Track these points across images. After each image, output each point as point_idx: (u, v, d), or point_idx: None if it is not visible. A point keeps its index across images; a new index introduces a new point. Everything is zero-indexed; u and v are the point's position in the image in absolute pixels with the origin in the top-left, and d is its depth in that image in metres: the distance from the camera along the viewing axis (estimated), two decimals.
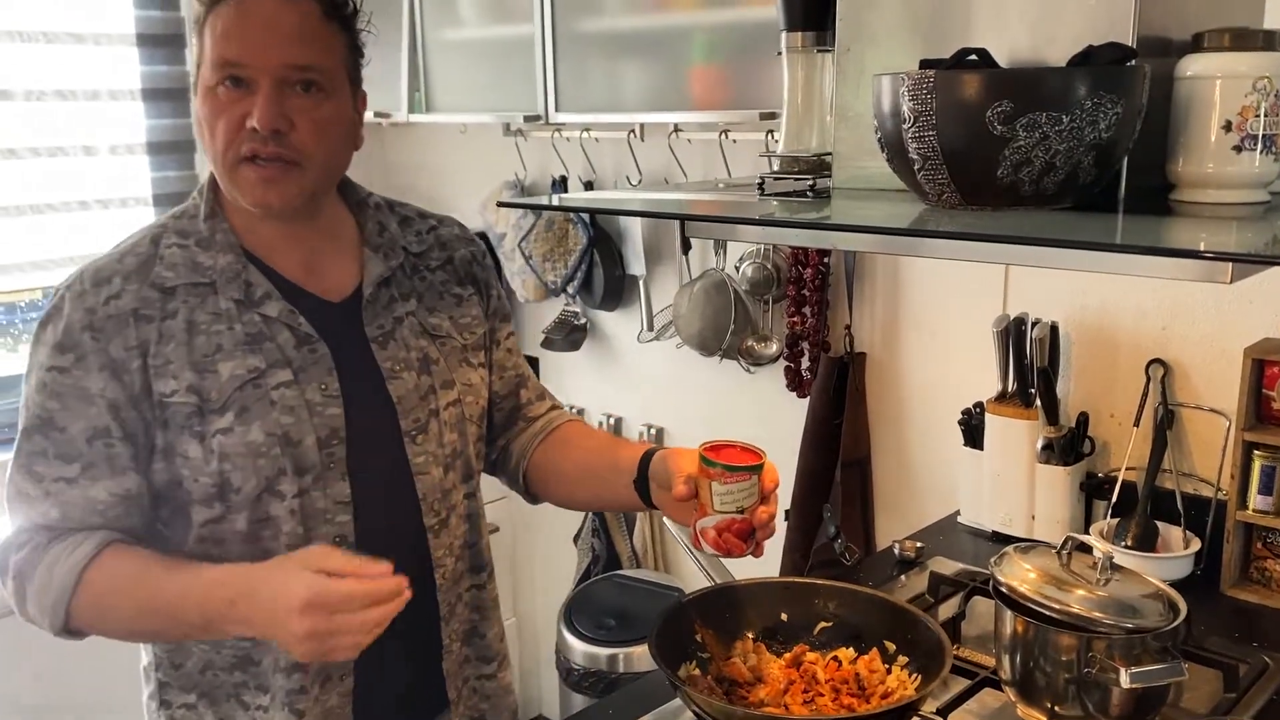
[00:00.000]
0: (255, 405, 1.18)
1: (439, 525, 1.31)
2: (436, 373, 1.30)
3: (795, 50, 1.24)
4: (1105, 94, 0.87)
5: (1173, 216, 0.98)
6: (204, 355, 1.18)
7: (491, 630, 1.42)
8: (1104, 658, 1.20)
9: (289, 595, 1.05)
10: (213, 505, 1.19)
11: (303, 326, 1.22)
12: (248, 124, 1.13)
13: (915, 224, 0.95)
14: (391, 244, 1.32)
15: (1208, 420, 1.77)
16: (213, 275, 1.20)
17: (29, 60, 2.59)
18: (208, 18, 1.16)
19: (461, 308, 1.36)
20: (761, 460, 1.22)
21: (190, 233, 1.22)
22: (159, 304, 1.18)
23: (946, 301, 2.08)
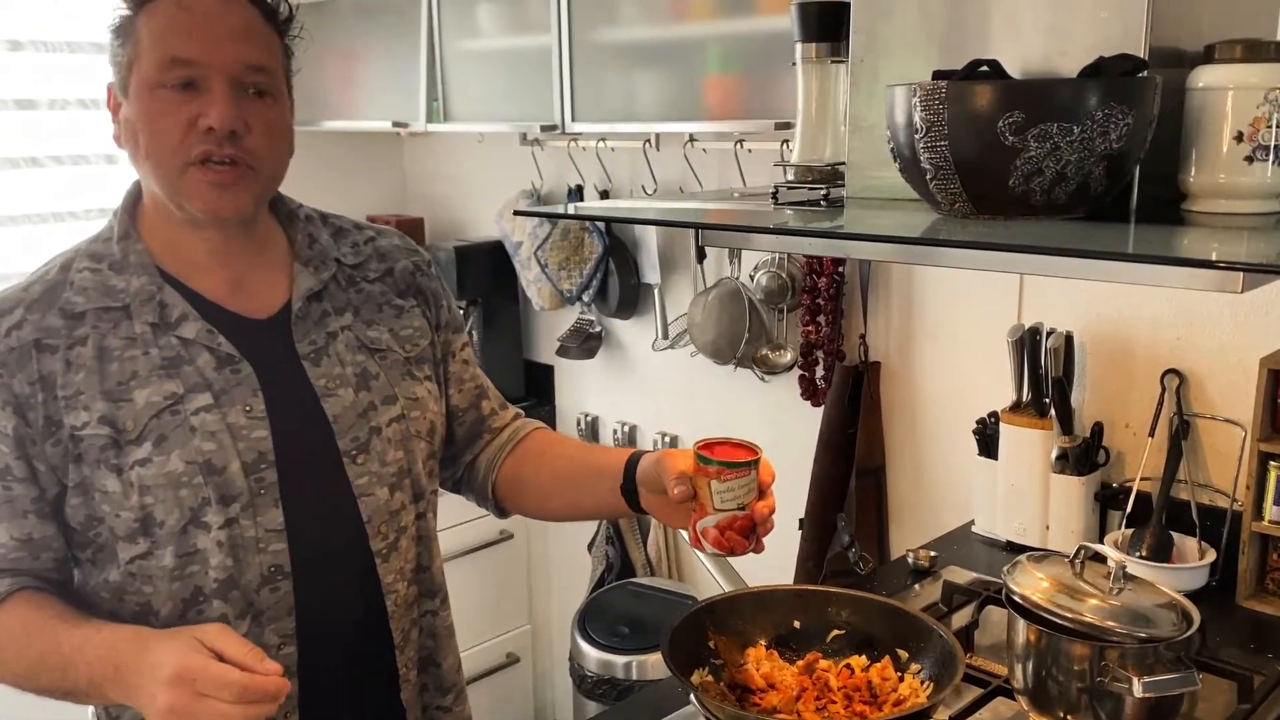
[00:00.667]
0: (174, 433, 1.12)
1: (387, 549, 1.25)
2: (376, 388, 1.24)
3: (810, 61, 1.25)
4: (1116, 105, 0.88)
5: (1184, 226, 0.99)
6: (117, 383, 1.12)
7: (447, 660, 1.36)
8: (1117, 667, 1.20)
9: (163, 665, 1.00)
10: (137, 541, 1.13)
11: (222, 347, 1.16)
12: (201, 124, 1.08)
13: (928, 233, 0.96)
14: (323, 256, 1.26)
15: (1223, 431, 1.77)
16: (125, 299, 1.14)
17: (53, 70, 2.63)
18: (139, 16, 1.11)
19: (402, 319, 1.30)
20: (758, 455, 1.20)
21: (103, 255, 1.16)
22: (64, 331, 1.12)
23: (961, 311, 2.09)
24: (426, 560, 1.32)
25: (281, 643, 1.18)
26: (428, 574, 1.32)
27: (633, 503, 1.30)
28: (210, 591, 1.15)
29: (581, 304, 2.64)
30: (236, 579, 1.15)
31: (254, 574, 1.16)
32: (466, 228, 3.03)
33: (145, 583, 1.15)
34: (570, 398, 2.89)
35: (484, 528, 2.74)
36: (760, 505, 1.19)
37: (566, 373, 2.85)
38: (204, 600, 1.15)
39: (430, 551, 1.32)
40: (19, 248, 2.62)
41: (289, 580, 1.18)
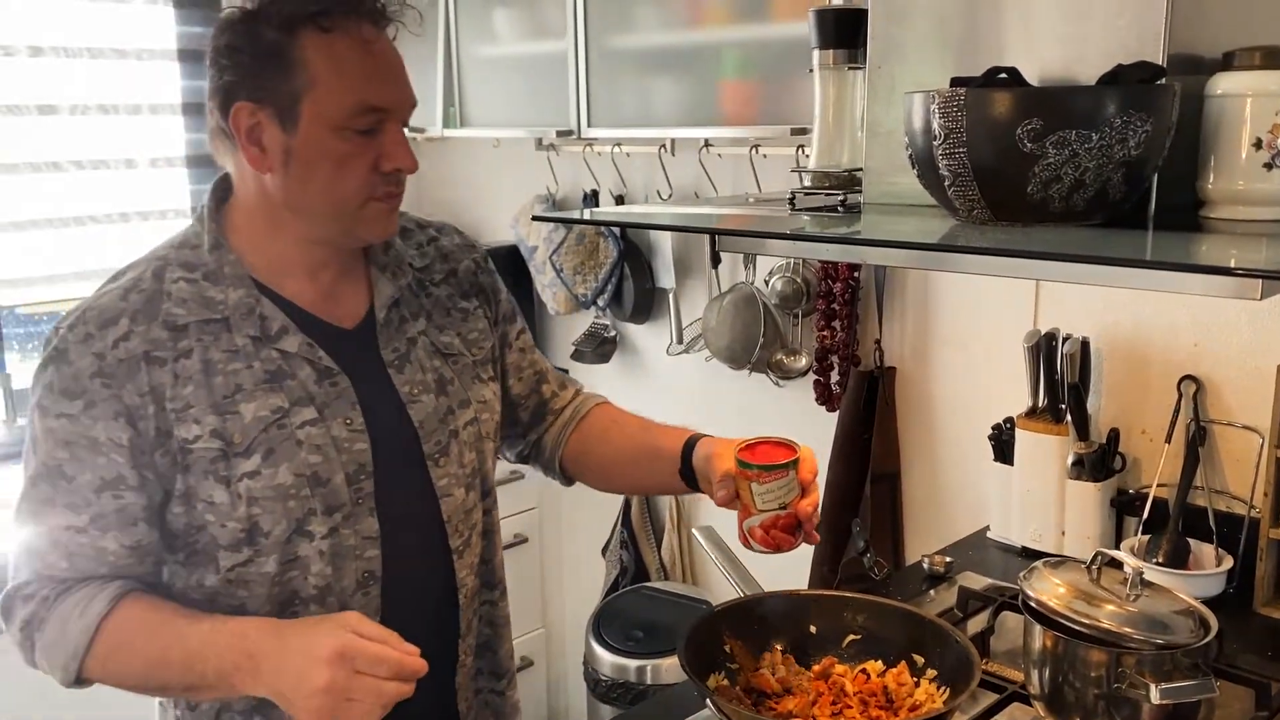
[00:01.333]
0: (281, 446, 1.14)
1: (462, 546, 1.30)
2: (453, 393, 1.28)
3: (827, 68, 1.25)
4: (1135, 112, 0.88)
5: (1203, 233, 0.99)
6: (224, 396, 1.13)
7: (503, 647, 1.41)
8: (1134, 673, 1.20)
9: (320, 645, 1.03)
10: (240, 550, 1.16)
11: (322, 360, 1.18)
12: (385, 165, 1.13)
13: (945, 239, 0.97)
14: (398, 261, 1.29)
15: (1241, 437, 1.76)
16: (225, 310, 1.15)
17: (73, 75, 2.65)
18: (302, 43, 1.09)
19: (469, 322, 1.33)
20: (796, 454, 1.24)
21: (196, 265, 1.17)
22: (170, 344, 1.13)
23: (977, 316, 2.09)
24: (489, 554, 1.37)
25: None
26: (489, 566, 1.37)
27: (691, 485, 1.35)
28: (307, 596, 1.19)
29: (596, 308, 2.65)
30: (334, 585, 1.19)
31: (350, 580, 1.20)
32: (481, 232, 3.04)
33: (242, 587, 1.18)
34: None
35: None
36: (803, 503, 1.25)
37: (581, 377, 2.81)
38: (299, 604, 1.19)
39: (493, 545, 1.38)
40: (41, 251, 2.65)
41: (378, 584, 1.22)
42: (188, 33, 2.83)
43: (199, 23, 2.85)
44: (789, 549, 1.26)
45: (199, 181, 2.91)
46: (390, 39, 1.16)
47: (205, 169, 2.92)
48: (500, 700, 1.42)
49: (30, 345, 2.75)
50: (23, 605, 1.16)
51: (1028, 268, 1.00)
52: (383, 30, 1.15)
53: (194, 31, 2.84)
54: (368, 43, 1.12)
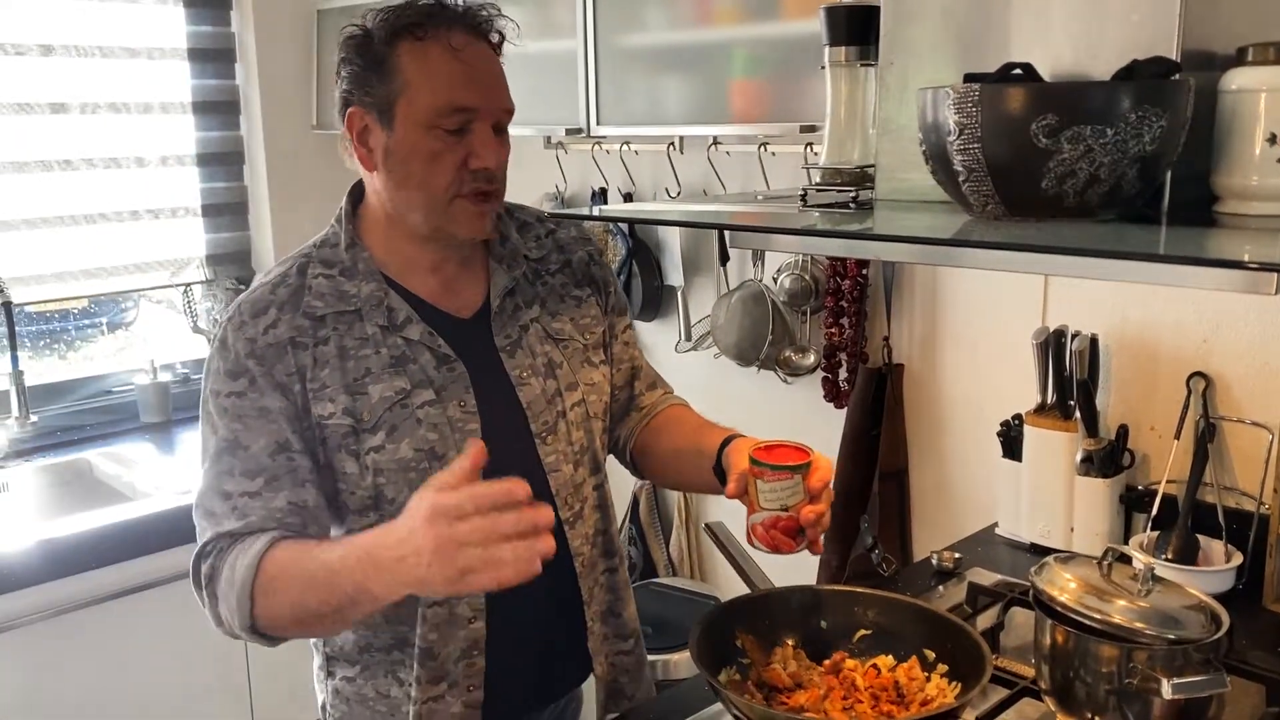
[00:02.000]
0: (403, 424, 1.27)
1: (574, 518, 1.39)
2: (561, 376, 1.39)
3: (839, 65, 1.26)
4: (1150, 107, 0.88)
5: (1216, 228, 0.99)
6: (355, 379, 1.26)
7: (627, 609, 1.51)
8: (1145, 668, 1.19)
9: (413, 518, 1.07)
10: (367, 514, 1.28)
11: (442, 348, 1.31)
12: (473, 163, 1.23)
13: (960, 235, 0.97)
14: (514, 253, 1.40)
15: (1250, 434, 1.77)
16: (358, 303, 1.29)
17: (85, 74, 2.67)
18: (399, 50, 1.22)
19: (581, 309, 1.44)
20: (807, 460, 1.26)
21: (334, 262, 1.31)
22: (311, 331, 1.27)
23: (985, 313, 2.09)
24: (604, 524, 1.46)
25: (474, 615, 1.33)
26: (606, 536, 1.47)
27: (723, 482, 1.37)
28: None
29: None
30: None
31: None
32: None
33: None
34: None
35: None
36: (806, 509, 1.26)
37: None
38: None
39: (608, 516, 1.48)
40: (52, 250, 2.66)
41: None
42: (198, 32, 2.85)
43: (209, 22, 2.86)
44: (788, 552, 1.28)
45: (209, 179, 2.93)
46: (489, 47, 1.29)
47: (215, 166, 2.93)
48: (629, 659, 1.52)
49: (41, 343, 2.76)
50: (203, 563, 1.25)
51: (1042, 263, 1.00)
52: (477, 39, 1.27)
53: (204, 31, 2.86)
54: (456, 49, 1.23)
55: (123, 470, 2.55)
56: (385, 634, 1.34)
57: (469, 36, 1.25)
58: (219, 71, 2.90)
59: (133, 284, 2.82)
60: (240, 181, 3.00)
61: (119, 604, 2.21)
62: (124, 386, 2.86)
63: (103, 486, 2.56)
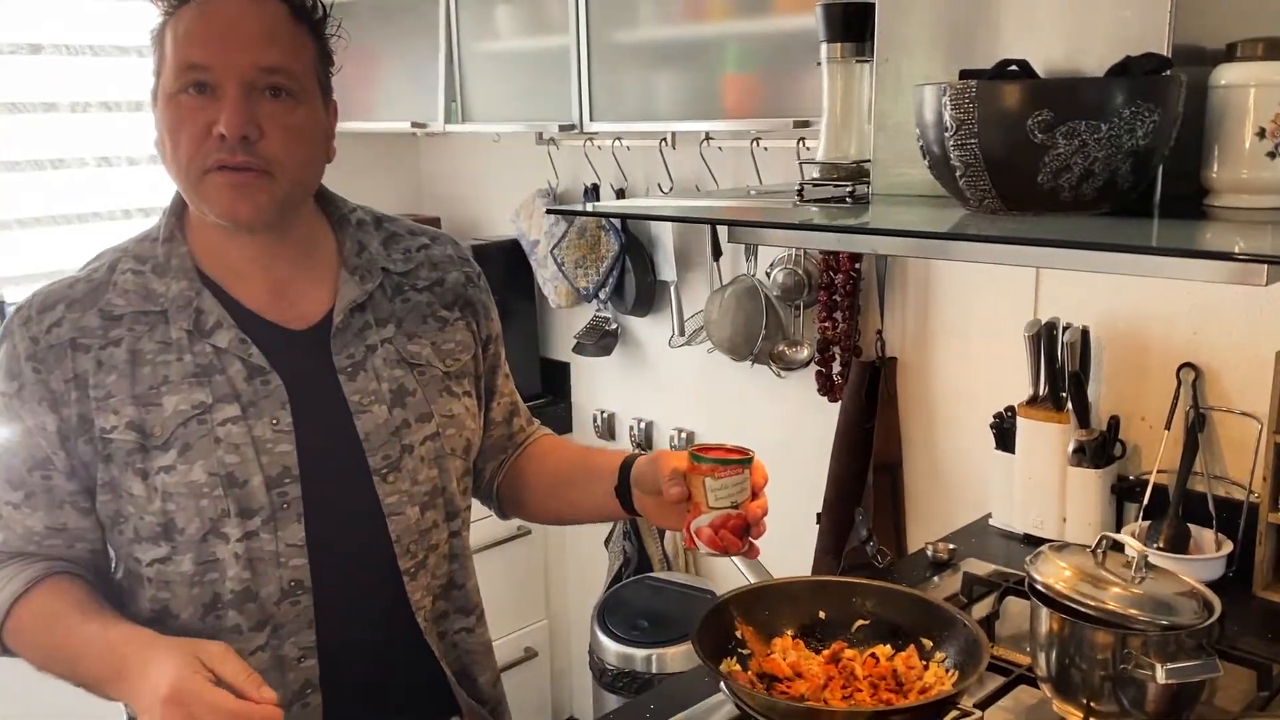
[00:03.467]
0: (198, 443, 1.12)
1: (415, 568, 1.23)
2: (411, 405, 1.22)
3: (835, 60, 1.27)
4: (1143, 103, 0.90)
5: (1208, 221, 1.01)
6: (149, 388, 1.12)
7: (482, 676, 1.35)
8: (1140, 654, 1.22)
9: (160, 683, 0.98)
10: (159, 544, 1.14)
11: (254, 358, 1.15)
12: (214, 131, 1.07)
13: (957, 228, 0.99)
14: (370, 265, 1.24)
15: (1239, 423, 1.79)
16: (164, 303, 1.14)
17: (75, 73, 2.66)
18: (168, 22, 1.11)
19: (445, 332, 1.28)
20: (751, 455, 1.22)
21: (147, 258, 1.16)
22: (100, 332, 1.13)
23: (977, 307, 2.11)
24: (461, 578, 1.30)
25: (302, 655, 1.19)
26: (461, 591, 1.31)
27: (626, 504, 1.30)
28: (227, 601, 1.15)
29: (598, 301, 2.66)
30: (254, 591, 1.15)
31: (273, 587, 1.16)
32: (482, 227, 3.05)
33: (163, 588, 1.16)
34: (586, 394, 2.91)
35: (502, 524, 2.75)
36: (753, 505, 1.21)
37: (582, 370, 2.87)
38: (222, 608, 1.16)
39: (465, 569, 1.31)
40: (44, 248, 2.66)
41: (309, 595, 1.17)
42: None
43: None
44: (735, 552, 1.22)
45: None
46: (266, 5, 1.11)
47: None
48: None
49: None
50: None
51: (1038, 256, 1.02)
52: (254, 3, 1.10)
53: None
54: (204, 7, 1.09)
55: None
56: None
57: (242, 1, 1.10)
58: None
59: None
60: None
61: None
62: None
63: None
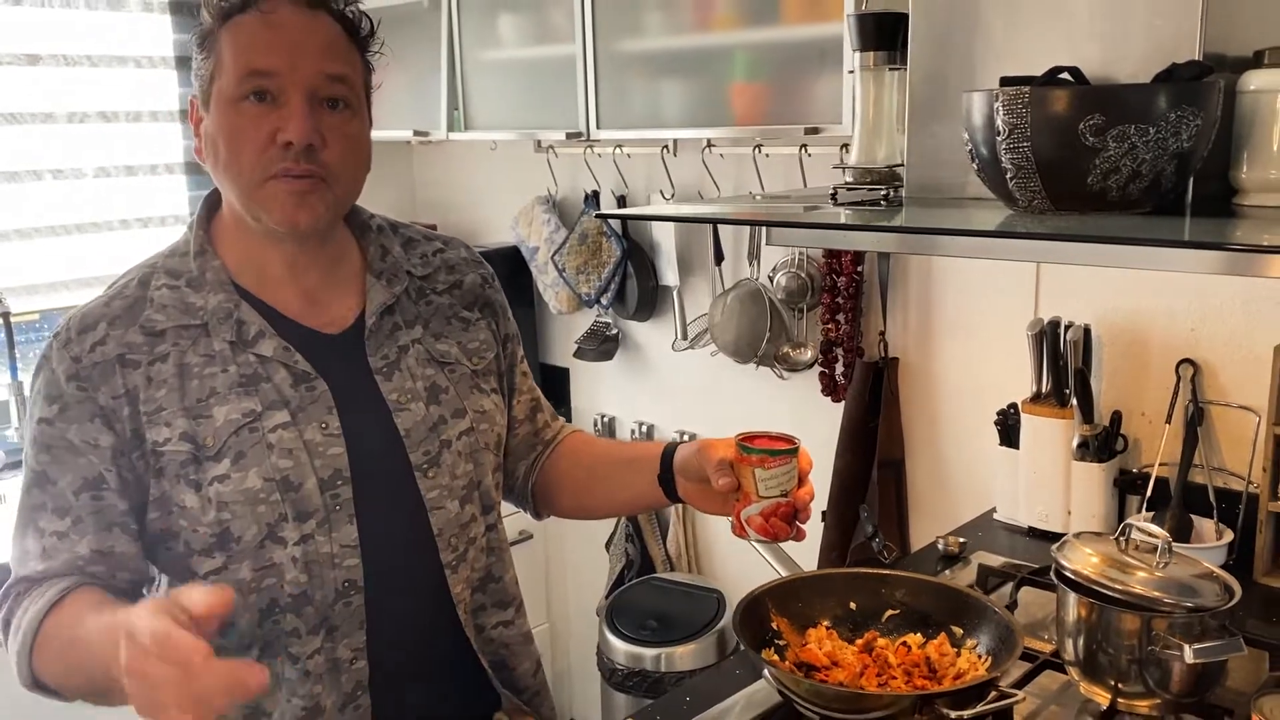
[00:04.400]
0: (252, 450, 1.13)
1: (456, 560, 1.26)
2: (446, 402, 1.25)
3: (866, 69, 1.32)
4: (1187, 107, 0.95)
5: (1239, 219, 1.06)
6: (198, 400, 1.13)
7: (521, 665, 1.36)
8: (1167, 636, 1.27)
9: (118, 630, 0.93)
10: (214, 555, 1.14)
11: (299, 364, 1.17)
12: (279, 138, 1.09)
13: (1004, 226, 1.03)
14: (395, 269, 1.28)
15: (1237, 417, 1.86)
16: (204, 316, 1.16)
17: (73, 84, 2.66)
18: (222, 30, 1.12)
19: (470, 332, 1.32)
20: (797, 443, 1.25)
21: (180, 272, 1.18)
22: (147, 348, 1.14)
23: (978, 306, 2.17)
24: (499, 571, 1.33)
25: (354, 656, 1.20)
26: (499, 585, 1.33)
27: (669, 492, 1.32)
28: (285, 605, 1.16)
29: (600, 307, 2.70)
30: (310, 594, 1.16)
31: (329, 589, 1.17)
32: (479, 233, 3.07)
33: None
34: (587, 399, 2.94)
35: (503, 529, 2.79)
36: (801, 492, 1.24)
37: (583, 375, 2.90)
38: (279, 613, 1.17)
39: (502, 563, 1.34)
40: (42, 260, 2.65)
41: (361, 594, 1.19)
42: (184, 40, 2.84)
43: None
44: (785, 539, 1.25)
45: (198, 188, 2.93)
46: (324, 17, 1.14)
47: (204, 175, 2.92)
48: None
49: (31, 353, 2.74)
50: (4, 606, 1.15)
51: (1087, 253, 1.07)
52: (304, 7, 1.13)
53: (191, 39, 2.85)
54: (267, 15, 1.11)
55: None
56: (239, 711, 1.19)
57: (295, 7, 1.13)
58: None
59: None
60: None
61: None
62: None
63: None
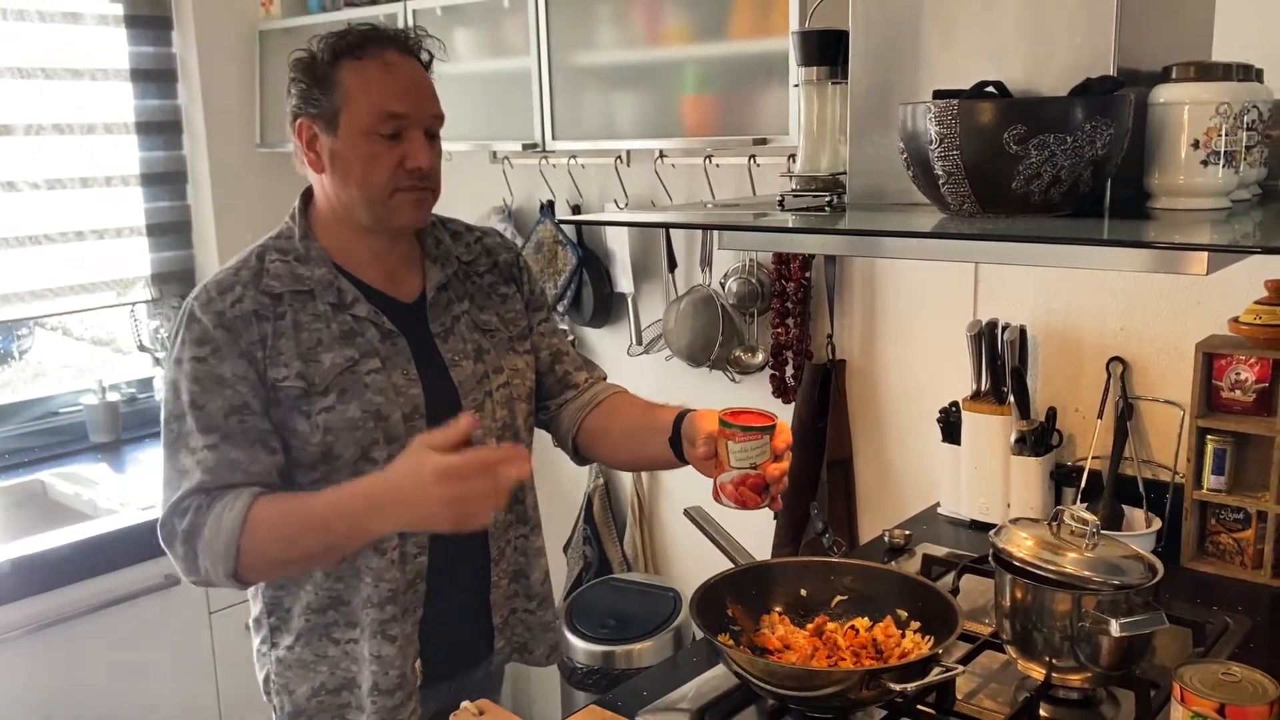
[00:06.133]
0: (352, 388, 1.43)
1: None
2: (489, 360, 1.56)
3: (810, 83, 1.39)
4: (1101, 118, 1.04)
5: (1152, 220, 1.15)
6: (308, 348, 1.43)
7: (534, 574, 1.66)
8: (1095, 612, 1.35)
9: (422, 474, 1.26)
10: (317, 469, 1.43)
11: (386, 324, 1.48)
12: (408, 164, 1.42)
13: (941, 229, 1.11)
14: (447, 255, 1.59)
15: (1164, 411, 1.96)
16: (311, 284, 1.46)
17: (29, 96, 2.67)
18: (340, 69, 1.41)
19: (506, 304, 1.63)
20: (773, 423, 1.42)
21: (289, 250, 1.48)
22: (271, 307, 1.43)
23: (920, 309, 2.26)
24: (520, 494, 1.63)
25: (418, 551, 1.50)
26: (522, 506, 1.64)
27: (679, 454, 1.53)
28: None
29: (556, 314, 2.75)
30: None
31: None
32: None
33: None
34: None
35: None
36: (771, 467, 1.42)
37: None
38: None
39: (524, 488, 1.63)
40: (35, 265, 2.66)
41: None
42: (140, 53, 2.87)
43: (150, 43, 2.89)
44: (754, 507, 1.42)
45: (153, 199, 2.95)
46: (419, 64, 1.47)
47: (159, 186, 2.95)
48: (532, 618, 1.67)
49: None
50: (180, 519, 1.37)
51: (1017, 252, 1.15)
52: (408, 56, 1.45)
53: (146, 51, 2.88)
54: (389, 65, 1.43)
55: (81, 489, 2.55)
56: (324, 593, 1.49)
57: (401, 55, 1.43)
58: (161, 92, 2.92)
59: (79, 304, 2.83)
60: (184, 200, 3.02)
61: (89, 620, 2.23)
62: (70, 408, 2.86)
63: (60, 506, 2.56)
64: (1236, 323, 1.79)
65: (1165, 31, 1.25)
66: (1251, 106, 1.14)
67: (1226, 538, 1.86)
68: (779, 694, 1.36)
